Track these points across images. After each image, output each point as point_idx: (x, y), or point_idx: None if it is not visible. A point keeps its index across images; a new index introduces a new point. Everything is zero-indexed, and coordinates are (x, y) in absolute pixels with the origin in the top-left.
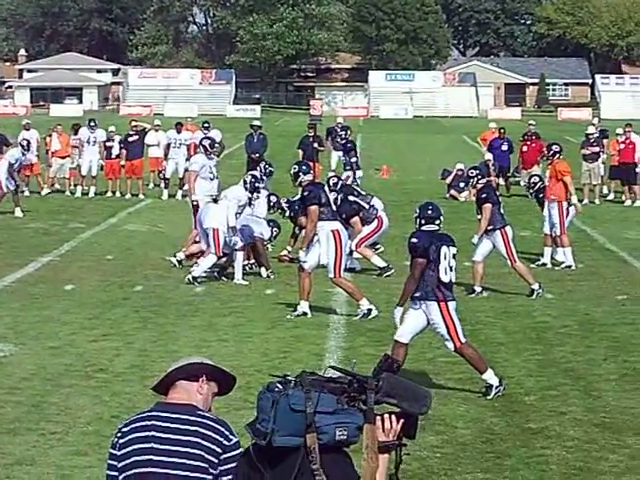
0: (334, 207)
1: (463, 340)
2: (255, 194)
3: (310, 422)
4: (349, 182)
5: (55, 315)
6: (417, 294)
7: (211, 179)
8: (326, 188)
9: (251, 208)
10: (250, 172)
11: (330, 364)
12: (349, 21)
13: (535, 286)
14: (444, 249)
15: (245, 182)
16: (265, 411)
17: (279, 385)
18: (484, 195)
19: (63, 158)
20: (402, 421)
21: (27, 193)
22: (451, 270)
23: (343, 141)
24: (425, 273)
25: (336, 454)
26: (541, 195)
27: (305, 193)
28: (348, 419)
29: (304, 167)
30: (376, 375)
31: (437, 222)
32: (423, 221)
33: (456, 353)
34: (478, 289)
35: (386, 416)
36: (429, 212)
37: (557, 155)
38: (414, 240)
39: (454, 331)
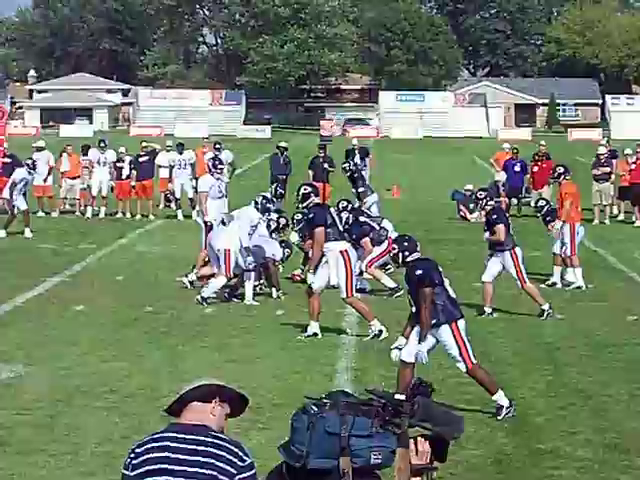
0: (341, 228)
1: (474, 361)
2: (266, 215)
3: (345, 445)
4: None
5: (65, 335)
6: (432, 322)
7: (219, 197)
8: (332, 209)
9: (252, 229)
10: (261, 193)
11: (367, 387)
12: (359, 42)
13: (545, 306)
14: (439, 269)
15: (256, 203)
16: (300, 433)
17: (314, 407)
18: (495, 216)
19: (73, 179)
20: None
21: (41, 213)
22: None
23: (348, 171)
24: (434, 299)
25: (369, 479)
26: (548, 218)
27: (311, 215)
28: (383, 443)
29: (314, 189)
30: (409, 399)
31: (418, 249)
32: (407, 252)
33: (467, 375)
34: (488, 310)
35: (419, 439)
36: (409, 243)
37: (563, 177)
38: (419, 272)
39: (465, 352)
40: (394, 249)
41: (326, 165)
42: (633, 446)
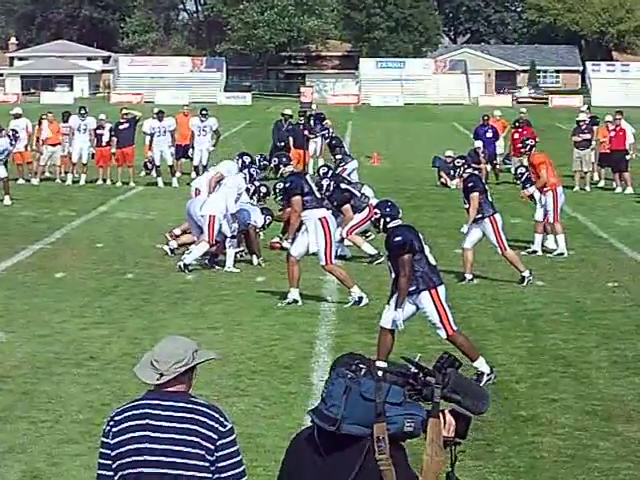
0: (319, 195)
1: (455, 328)
2: (249, 181)
3: (380, 411)
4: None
5: (46, 303)
6: (411, 289)
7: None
8: (308, 177)
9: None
10: (244, 153)
11: (402, 356)
12: (339, 8)
13: (526, 273)
14: (420, 236)
15: (245, 175)
16: (336, 397)
17: (350, 372)
18: (471, 184)
19: (54, 146)
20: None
21: (21, 181)
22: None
23: (324, 133)
24: (414, 266)
25: (397, 450)
26: (528, 185)
27: (287, 184)
28: (415, 411)
29: (284, 159)
30: (440, 370)
31: (400, 216)
32: (389, 219)
33: (448, 341)
34: (468, 276)
35: (447, 411)
36: (391, 209)
37: (532, 149)
38: (398, 239)
39: (446, 319)
40: (376, 215)
41: (306, 132)
42: (613, 413)
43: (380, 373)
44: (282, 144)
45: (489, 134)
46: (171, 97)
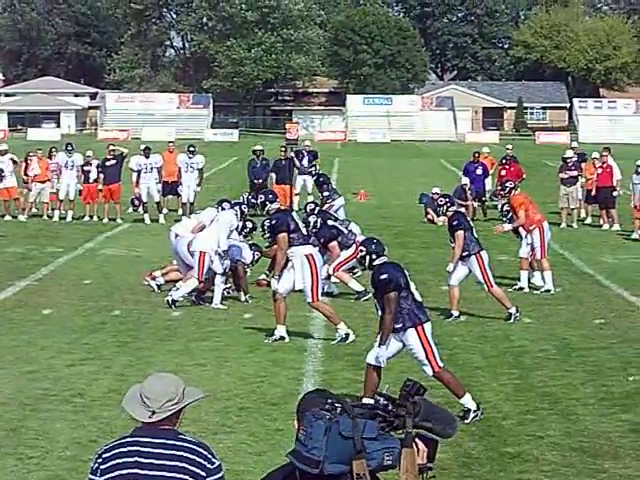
0: (305, 231)
1: (441, 364)
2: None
3: (360, 448)
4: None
5: (33, 339)
6: (397, 326)
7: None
8: (294, 214)
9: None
10: (238, 203)
11: (379, 391)
12: (326, 45)
13: (512, 310)
14: (406, 272)
15: (237, 212)
16: (316, 439)
17: (326, 412)
18: (455, 222)
19: (42, 182)
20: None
21: (8, 217)
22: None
23: (311, 170)
24: (400, 303)
25: None
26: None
27: (273, 221)
28: (391, 444)
29: (270, 195)
30: (407, 399)
31: (385, 253)
32: (374, 256)
33: (434, 378)
34: (455, 313)
35: (417, 440)
36: (376, 246)
37: (512, 191)
38: (384, 276)
39: (432, 355)
40: (361, 252)
41: (297, 169)
42: (600, 450)
43: (354, 409)
44: (259, 181)
45: (479, 171)
46: (158, 134)
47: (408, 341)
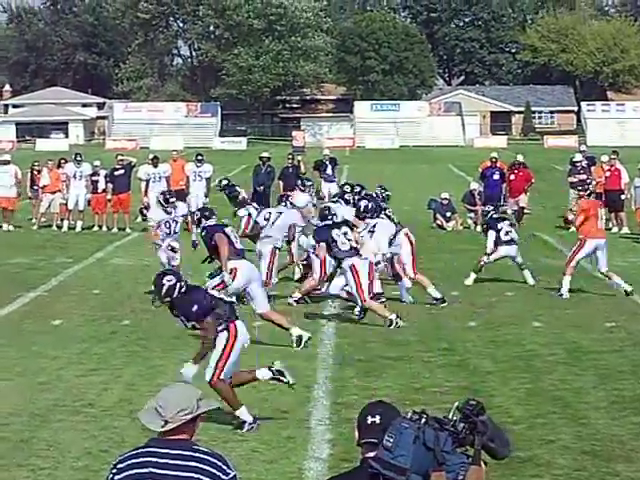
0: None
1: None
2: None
3: (442, 461)
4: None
5: (43, 350)
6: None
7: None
8: (228, 229)
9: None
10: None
11: (456, 405)
12: (334, 52)
13: (392, 317)
14: None
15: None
16: (404, 446)
17: (411, 422)
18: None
19: (53, 193)
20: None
21: (6, 227)
22: None
23: (335, 178)
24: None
25: None
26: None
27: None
28: (464, 460)
29: (206, 212)
30: (467, 418)
31: None
32: None
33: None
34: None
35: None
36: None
37: (589, 196)
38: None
39: (222, 363)
40: None
41: (320, 176)
42: (612, 453)
43: (434, 422)
44: (261, 188)
45: (496, 176)
46: (166, 143)
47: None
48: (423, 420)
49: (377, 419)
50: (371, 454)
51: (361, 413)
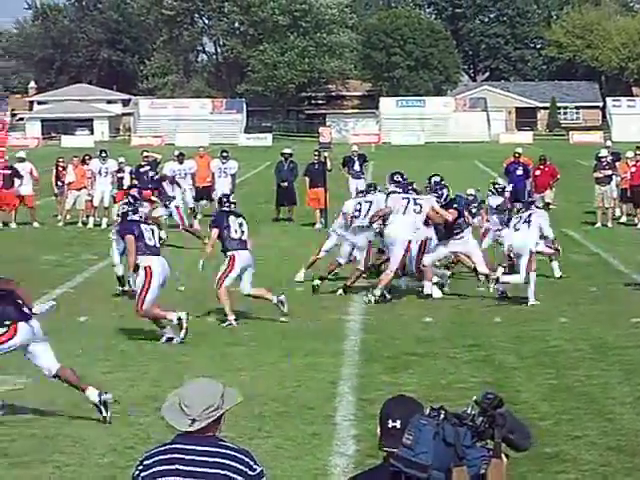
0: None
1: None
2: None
3: (463, 456)
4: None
5: (69, 347)
6: None
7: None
8: (142, 225)
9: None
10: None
11: (474, 399)
12: (359, 48)
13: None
14: None
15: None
16: (424, 443)
17: (430, 418)
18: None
19: (79, 190)
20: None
21: (13, 225)
22: None
23: (364, 174)
24: None
25: None
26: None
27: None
28: (485, 453)
29: (131, 208)
30: (485, 411)
31: None
32: None
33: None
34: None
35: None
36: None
37: None
38: None
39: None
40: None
41: (347, 172)
42: (638, 448)
43: (453, 417)
44: (285, 184)
45: (519, 171)
46: (192, 139)
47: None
48: (442, 416)
49: (398, 424)
50: (393, 451)
51: (382, 411)
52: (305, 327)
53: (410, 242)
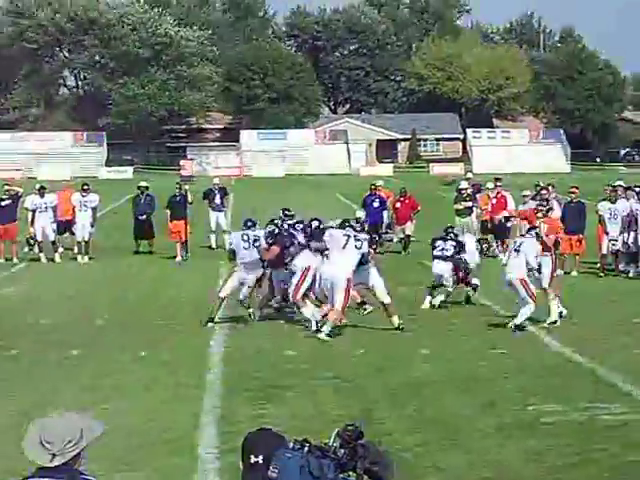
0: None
1: None
2: None
3: None
4: None
5: None
6: None
7: None
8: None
9: None
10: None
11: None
12: (220, 81)
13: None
14: None
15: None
16: (292, 477)
17: (294, 451)
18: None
19: None
20: None
21: None
22: None
23: (224, 207)
24: None
25: None
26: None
27: None
28: None
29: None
30: (347, 443)
31: None
32: None
33: None
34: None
35: None
36: None
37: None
38: None
39: None
40: None
41: (209, 206)
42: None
43: (316, 450)
44: (143, 217)
45: (376, 203)
46: (53, 172)
47: None
48: (306, 449)
49: (260, 459)
50: None
51: (244, 446)
52: (166, 357)
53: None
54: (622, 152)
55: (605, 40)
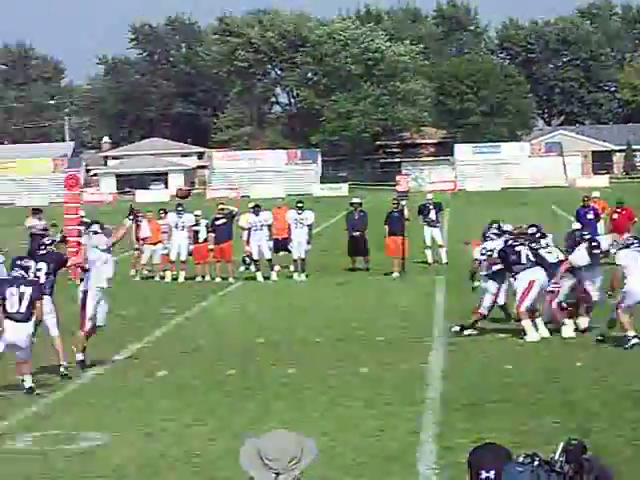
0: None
1: None
2: None
3: None
4: None
5: (149, 401)
6: None
7: None
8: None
9: None
10: None
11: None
12: (433, 96)
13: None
14: None
15: None
16: None
17: (524, 465)
18: None
19: (154, 244)
20: None
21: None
22: None
23: (439, 222)
24: None
25: None
26: None
27: None
28: None
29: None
30: (576, 457)
31: None
32: None
33: None
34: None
35: None
36: None
37: None
38: None
39: None
40: None
41: (424, 221)
42: None
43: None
44: (357, 233)
45: (590, 215)
46: (267, 191)
47: None
48: (536, 462)
49: (491, 474)
50: None
51: (472, 461)
52: (387, 376)
53: None
54: None
55: None
